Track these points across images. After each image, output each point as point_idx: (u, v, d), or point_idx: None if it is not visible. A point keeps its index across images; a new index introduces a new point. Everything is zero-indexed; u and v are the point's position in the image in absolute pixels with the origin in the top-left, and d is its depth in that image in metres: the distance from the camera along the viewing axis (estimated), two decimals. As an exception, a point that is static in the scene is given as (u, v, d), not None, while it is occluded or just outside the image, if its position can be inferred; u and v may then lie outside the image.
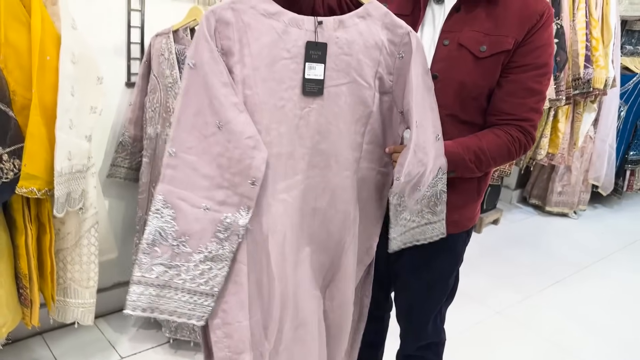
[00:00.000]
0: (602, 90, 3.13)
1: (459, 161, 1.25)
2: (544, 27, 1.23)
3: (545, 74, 1.26)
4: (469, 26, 1.24)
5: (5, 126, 1.34)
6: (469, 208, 1.43)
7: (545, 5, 1.25)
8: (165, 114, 1.92)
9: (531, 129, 1.28)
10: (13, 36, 1.33)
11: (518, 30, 1.21)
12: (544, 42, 1.24)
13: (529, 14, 1.22)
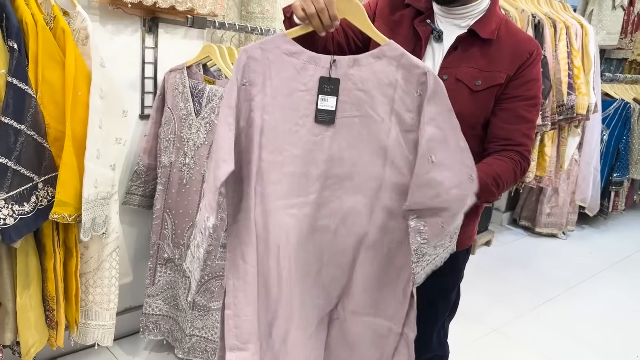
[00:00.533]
0: (585, 115, 3.31)
1: (483, 187, 1.30)
2: (533, 64, 1.37)
3: (534, 105, 1.39)
4: (465, 63, 1.37)
5: (41, 157, 1.45)
6: (469, 227, 1.54)
7: (534, 45, 1.39)
8: (179, 144, 2.04)
9: (527, 154, 1.40)
10: (49, 74, 1.45)
11: (509, 67, 1.35)
12: (533, 77, 1.38)
13: (519, 52, 1.36)
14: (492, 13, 1.40)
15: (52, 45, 1.45)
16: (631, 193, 4.65)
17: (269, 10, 2.24)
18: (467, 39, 1.38)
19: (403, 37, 1.42)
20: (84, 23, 1.52)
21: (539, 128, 2.97)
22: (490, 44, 1.37)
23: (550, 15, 3.11)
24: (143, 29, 2.13)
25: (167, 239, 2.12)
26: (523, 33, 1.44)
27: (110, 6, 1.97)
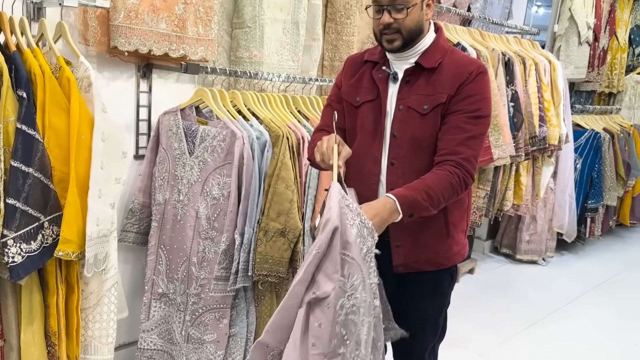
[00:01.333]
0: (557, 145, 3.49)
1: (413, 202, 1.44)
2: (474, 81, 1.52)
3: (476, 117, 1.51)
4: (414, 92, 1.57)
5: (47, 197, 1.54)
6: (442, 246, 1.64)
7: (474, 65, 1.55)
8: (173, 182, 2.14)
9: (464, 163, 1.49)
10: (55, 120, 1.55)
11: (451, 87, 1.52)
12: (474, 92, 1.52)
13: (459, 73, 1.53)
14: (435, 46, 1.59)
15: (58, 93, 1.56)
16: (606, 219, 4.82)
17: (257, 55, 2.38)
18: (414, 71, 1.58)
19: (366, 87, 1.65)
20: (87, 72, 1.64)
21: (513, 159, 3.13)
22: (434, 72, 1.56)
23: (519, 53, 3.32)
24: (138, 74, 2.25)
25: (161, 274, 2.20)
26: (466, 58, 1.61)
27: (107, 54, 2.09)
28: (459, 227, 1.67)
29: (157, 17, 2.09)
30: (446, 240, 1.64)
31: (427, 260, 1.62)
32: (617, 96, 5.53)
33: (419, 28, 1.56)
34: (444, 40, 1.64)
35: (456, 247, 1.67)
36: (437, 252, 1.63)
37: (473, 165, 1.51)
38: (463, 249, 1.71)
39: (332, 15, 2.72)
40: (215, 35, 2.28)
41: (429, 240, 1.61)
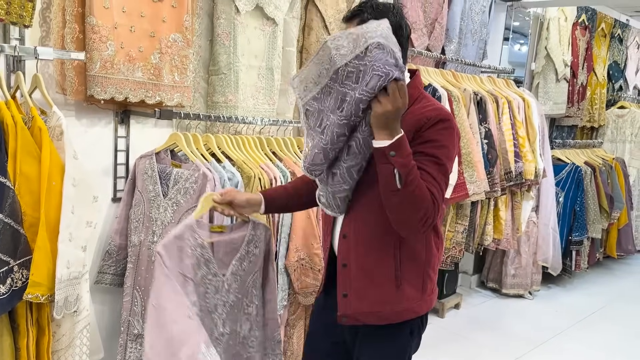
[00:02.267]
0: (533, 180, 3.56)
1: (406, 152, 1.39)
2: (432, 127, 1.47)
3: (435, 163, 1.45)
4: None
5: (17, 242, 1.60)
6: (391, 300, 1.56)
7: (435, 112, 1.50)
8: (148, 224, 2.20)
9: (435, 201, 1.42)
10: (26, 168, 1.63)
11: (408, 134, 1.45)
12: (431, 138, 1.47)
13: (418, 119, 1.49)
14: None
15: (29, 142, 1.63)
16: (593, 251, 4.85)
17: (232, 99, 2.48)
18: None
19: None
20: (59, 121, 1.72)
21: (489, 194, 3.20)
22: (402, 116, 1.48)
23: (492, 92, 3.43)
24: (116, 120, 2.34)
25: (137, 315, 2.23)
26: (431, 105, 1.54)
27: (84, 103, 2.18)
28: (412, 282, 1.58)
29: (133, 66, 2.19)
30: (395, 295, 1.56)
31: (373, 313, 1.56)
32: (599, 130, 5.65)
33: None
34: (417, 88, 1.60)
35: (407, 303, 1.58)
36: (384, 306, 1.57)
37: (438, 205, 1.45)
38: (417, 306, 1.60)
39: (307, 60, 2.83)
40: (191, 82, 2.38)
41: (377, 291, 1.56)
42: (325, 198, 1.59)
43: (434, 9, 3.49)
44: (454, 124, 1.53)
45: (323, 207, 1.61)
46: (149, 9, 2.21)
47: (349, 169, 1.50)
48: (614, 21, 5.56)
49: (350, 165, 1.49)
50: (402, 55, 1.47)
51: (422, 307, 1.62)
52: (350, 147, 1.47)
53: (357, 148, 1.46)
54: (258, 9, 2.51)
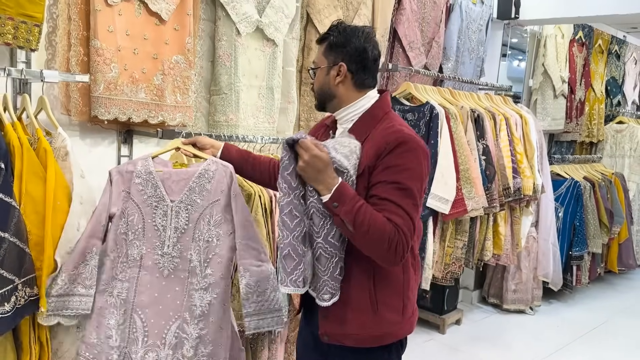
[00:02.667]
0: (532, 196, 3.59)
1: (346, 198, 1.44)
2: (392, 152, 1.48)
3: (398, 189, 1.46)
4: None
5: (22, 260, 1.64)
6: (368, 324, 1.57)
7: (394, 136, 1.50)
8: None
9: (400, 232, 1.44)
10: (31, 188, 1.67)
11: (371, 159, 1.50)
12: (393, 164, 1.48)
13: (378, 146, 1.50)
14: (367, 116, 1.60)
15: (35, 163, 1.68)
16: (593, 266, 4.86)
17: (232, 118, 2.53)
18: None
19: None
20: (64, 142, 1.77)
21: (487, 210, 3.23)
22: (363, 142, 1.56)
23: (490, 109, 3.47)
24: (119, 140, 2.39)
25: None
26: (391, 128, 1.54)
27: (88, 123, 2.23)
28: (391, 307, 1.59)
29: (136, 88, 2.24)
30: (372, 319, 1.57)
31: (351, 335, 1.57)
32: (598, 145, 5.68)
33: (326, 91, 1.63)
34: (381, 109, 1.61)
35: (387, 327, 1.58)
36: (362, 330, 1.57)
37: (406, 236, 1.46)
38: (395, 330, 1.60)
39: (307, 80, 2.89)
40: (193, 102, 2.44)
41: (354, 315, 1.57)
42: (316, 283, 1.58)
43: (431, 28, 3.55)
44: (415, 144, 1.52)
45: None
46: (152, 32, 2.27)
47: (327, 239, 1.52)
48: (611, 37, 5.63)
49: (326, 233, 1.52)
50: (370, 76, 1.62)
51: (403, 330, 1.63)
52: (313, 218, 1.51)
53: (320, 213, 1.50)
54: (258, 31, 2.58)
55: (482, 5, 3.93)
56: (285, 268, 1.52)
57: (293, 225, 1.51)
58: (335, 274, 1.55)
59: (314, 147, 1.47)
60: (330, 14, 2.87)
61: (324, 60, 1.63)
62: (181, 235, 1.98)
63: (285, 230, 1.52)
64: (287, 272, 1.52)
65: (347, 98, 1.62)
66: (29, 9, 1.87)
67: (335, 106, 1.65)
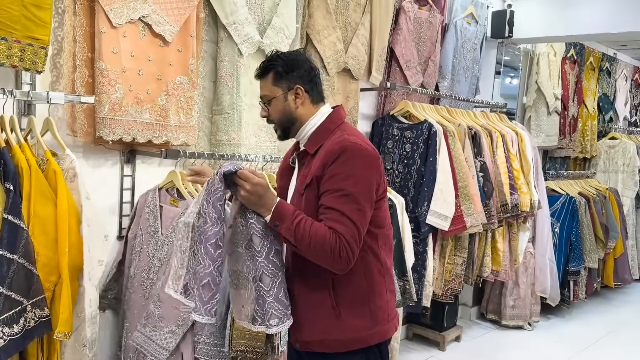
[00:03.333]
0: (529, 212, 3.63)
1: (283, 216, 1.51)
2: (336, 161, 1.55)
3: (342, 196, 1.53)
4: (302, 174, 1.68)
5: (30, 282, 1.64)
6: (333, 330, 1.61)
7: (338, 145, 1.58)
8: (143, 258, 2.22)
9: (343, 239, 1.50)
10: (40, 209, 1.68)
11: (319, 169, 1.58)
12: (337, 172, 1.55)
13: (325, 155, 1.59)
14: (320, 129, 1.67)
15: (43, 184, 1.69)
16: (590, 281, 4.89)
17: (235, 138, 2.55)
18: (304, 154, 1.71)
19: (285, 174, 1.81)
20: (72, 164, 1.79)
21: (486, 226, 3.25)
22: (314, 155, 1.65)
23: (486, 127, 3.52)
24: (122, 160, 2.40)
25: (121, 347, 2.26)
26: (337, 139, 1.61)
27: (93, 144, 2.25)
28: (356, 312, 1.62)
29: (140, 108, 2.26)
30: (336, 324, 1.61)
31: (318, 341, 1.63)
32: (591, 160, 5.75)
33: (288, 117, 1.69)
34: (333, 122, 1.69)
35: (353, 333, 1.61)
36: (328, 334, 1.62)
37: (349, 242, 1.51)
38: (364, 336, 1.62)
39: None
40: (196, 121, 2.46)
41: (318, 319, 1.62)
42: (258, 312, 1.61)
43: (427, 47, 3.61)
44: (359, 150, 1.58)
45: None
46: (156, 53, 2.30)
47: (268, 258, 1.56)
48: (602, 55, 5.73)
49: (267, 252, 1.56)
50: (321, 90, 1.72)
51: (374, 337, 1.64)
52: (253, 239, 1.55)
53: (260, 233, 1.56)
54: (259, 52, 2.61)
55: (477, 25, 4.00)
56: (202, 297, 1.54)
57: (216, 255, 1.54)
58: (279, 295, 1.58)
59: (253, 175, 1.54)
60: (329, 34, 2.92)
61: (276, 90, 1.68)
62: (161, 266, 2.16)
63: (207, 259, 1.53)
64: (203, 302, 1.54)
65: (306, 117, 1.69)
66: (36, 31, 1.90)
67: (297, 129, 1.71)
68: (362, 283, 1.63)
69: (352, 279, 1.61)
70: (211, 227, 1.53)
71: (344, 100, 3.08)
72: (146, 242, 2.25)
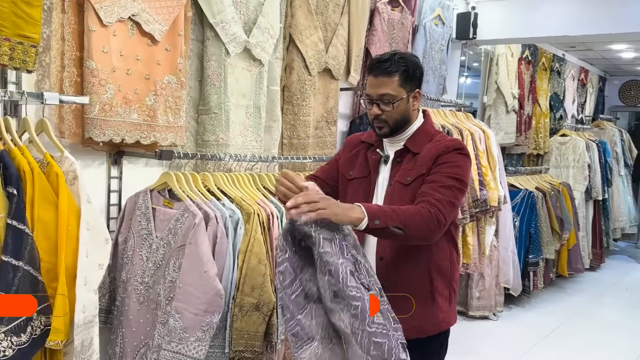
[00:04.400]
0: (497, 206, 3.78)
1: (379, 211, 1.56)
2: (450, 153, 1.74)
3: (449, 177, 1.69)
4: (402, 169, 1.80)
5: (35, 289, 1.59)
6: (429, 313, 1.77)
7: (452, 142, 1.78)
8: (137, 261, 2.18)
9: (436, 202, 1.63)
10: (43, 214, 1.62)
11: (430, 161, 1.74)
12: (448, 160, 1.72)
13: (437, 149, 1.76)
14: (421, 131, 1.84)
15: (46, 188, 1.64)
16: (547, 271, 5.14)
17: (223, 138, 2.54)
18: (403, 152, 1.83)
19: (360, 165, 1.88)
20: (73, 166, 1.73)
21: (460, 221, 3.37)
22: (418, 154, 1.80)
23: (456, 125, 3.64)
24: (109, 161, 2.35)
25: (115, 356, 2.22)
26: (448, 138, 1.84)
27: (81, 145, 2.18)
28: (443, 295, 1.81)
29: (129, 109, 2.22)
30: (432, 307, 1.78)
31: (415, 327, 1.72)
32: (544, 157, 6.04)
33: (405, 118, 1.79)
34: (431, 125, 1.88)
35: (441, 314, 1.80)
36: (424, 319, 1.76)
37: (445, 207, 1.63)
38: (448, 317, 1.82)
39: (289, 98, 2.94)
40: (184, 121, 2.43)
41: (418, 307, 1.74)
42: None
43: (399, 48, 3.69)
44: (467, 152, 1.78)
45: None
46: (145, 52, 2.26)
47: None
48: (553, 56, 6.02)
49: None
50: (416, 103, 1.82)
51: (452, 317, 1.85)
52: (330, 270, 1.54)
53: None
54: (245, 51, 2.61)
55: (444, 26, 4.13)
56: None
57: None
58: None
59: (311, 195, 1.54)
60: (311, 35, 2.95)
61: (402, 91, 1.75)
62: (157, 269, 2.16)
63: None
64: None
65: (414, 119, 1.84)
66: (26, 29, 1.83)
67: (405, 129, 1.82)
68: (447, 269, 1.81)
69: (442, 265, 1.79)
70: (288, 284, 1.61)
71: (324, 99, 3.12)
72: (139, 245, 2.21)
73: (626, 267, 6.51)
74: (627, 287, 5.74)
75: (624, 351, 3.98)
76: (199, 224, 2.05)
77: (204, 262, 2.03)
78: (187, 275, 2.04)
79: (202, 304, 2.01)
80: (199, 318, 2.01)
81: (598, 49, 6.15)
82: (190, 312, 2.01)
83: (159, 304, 2.12)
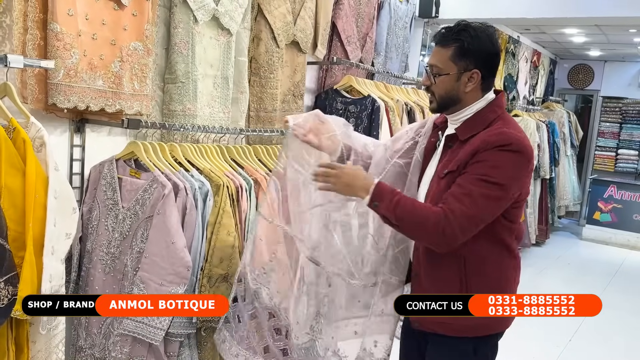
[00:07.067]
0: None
1: (381, 195, 1.52)
2: (489, 151, 1.49)
3: (480, 180, 1.47)
4: (447, 158, 1.63)
5: (2, 258, 1.54)
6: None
7: (496, 137, 1.52)
8: (102, 231, 2.16)
9: (450, 216, 1.46)
10: (10, 181, 1.57)
11: (469, 156, 1.52)
12: (486, 159, 1.49)
13: (481, 144, 1.52)
14: (478, 117, 1.59)
15: (13, 155, 1.58)
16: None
17: (190, 108, 2.50)
18: (453, 137, 1.65)
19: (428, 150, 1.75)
20: (40, 132, 1.68)
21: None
22: (464, 142, 1.59)
23: (418, 103, 3.71)
24: (72, 129, 2.28)
25: (81, 326, 2.20)
26: (499, 129, 1.54)
27: (44, 111, 2.10)
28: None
29: (94, 75, 2.15)
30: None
31: (440, 321, 1.60)
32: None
33: (452, 98, 1.59)
34: (494, 110, 1.60)
35: (477, 319, 1.56)
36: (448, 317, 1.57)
37: (458, 220, 1.46)
38: (490, 322, 1.61)
39: (257, 70, 2.91)
40: (150, 90, 2.38)
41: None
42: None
43: (365, 23, 3.70)
44: (520, 145, 1.51)
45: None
46: (110, 17, 2.19)
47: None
48: (508, 37, 6.17)
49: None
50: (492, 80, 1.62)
51: (491, 326, 1.63)
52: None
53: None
54: (214, 20, 2.56)
55: (407, 4, 4.15)
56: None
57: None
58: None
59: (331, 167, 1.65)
60: (279, 5, 2.91)
61: (452, 66, 1.57)
62: (123, 239, 2.15)
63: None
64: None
65: (470, 101, 1.60)
66: (-15, -13, 1.74)
67: (456, 110, 1.62)
68: (492, 272, 1.61)
69: (483, 266, 1.58)
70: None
71: (291, 73, 3.11)
72: (104, 215, 2.17)
73: (569, 243, 6.87)
74: (570, 261, 6.07)
75: (565, 321, 4.23)
76: (168, 194, 2.04)
77: (172, 233, 2.02)
78: (153, 246, 2.03)
79: (168, 275, 2.01)
80: (164, 288, 2.01)
81: (551, 32, 6.34)
82: (155, 282, 2.01)
83: (126, 274, 2.11)
